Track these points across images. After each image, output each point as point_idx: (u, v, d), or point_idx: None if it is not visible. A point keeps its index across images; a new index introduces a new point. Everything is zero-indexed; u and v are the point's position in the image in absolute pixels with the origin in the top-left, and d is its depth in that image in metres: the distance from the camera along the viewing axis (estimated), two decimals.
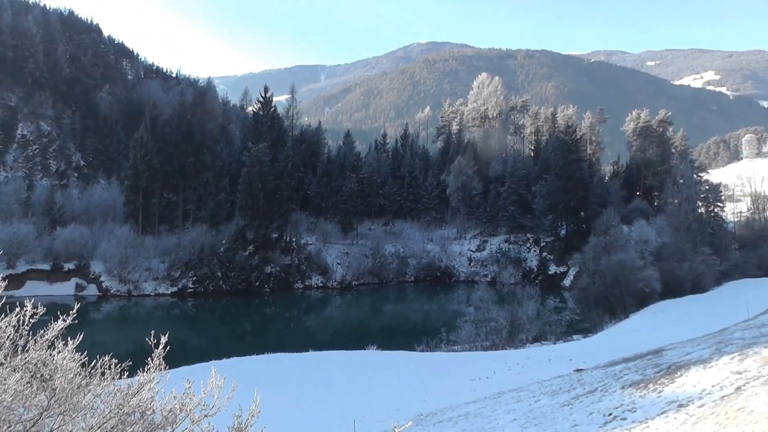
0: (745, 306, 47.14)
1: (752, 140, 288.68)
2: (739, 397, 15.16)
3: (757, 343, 23.42)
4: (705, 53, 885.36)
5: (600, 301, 69.23)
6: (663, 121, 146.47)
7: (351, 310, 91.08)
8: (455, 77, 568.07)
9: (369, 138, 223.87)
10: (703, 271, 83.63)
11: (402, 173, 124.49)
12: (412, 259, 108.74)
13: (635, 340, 41.36)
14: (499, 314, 54.96)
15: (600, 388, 23.68)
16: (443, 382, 34.43)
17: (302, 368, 36.58)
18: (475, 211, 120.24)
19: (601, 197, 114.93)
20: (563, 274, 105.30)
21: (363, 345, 47.52)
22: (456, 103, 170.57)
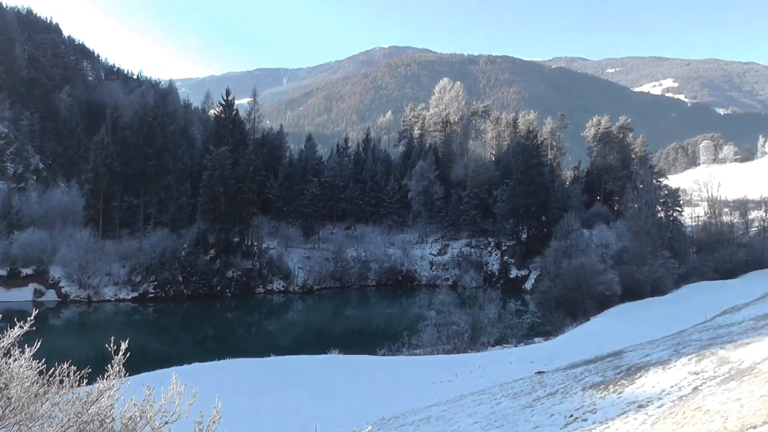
0: (703, 308, 47.71)
1: (709, 146, 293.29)
2: (696, 397, 15.30)
3: (713, 345, 23.69)
4: (664, 61, 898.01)
5: (561, 304, 69.64)
6: (623, 127, 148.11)
7: (313, 315, 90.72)
8: (417, 82, 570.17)
9: (331, 142, 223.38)
10: (662, 274, 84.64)
11: (364, 177, 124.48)
12: (373, 264, 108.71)
13: (596, 343, 41.61)
14: (460, 318, 55.03)
15: (561, 390, 23.78)
16: (405, 385, 34.36)
17: (264, 373, 36.30)
18: (437, 215, 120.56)
19: (562, 202, 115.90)
20: (524, 278, 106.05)
21: (325, 349, 47.31)
22: (418, 108, 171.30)
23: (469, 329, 54.37)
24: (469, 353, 48.15)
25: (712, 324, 36.66)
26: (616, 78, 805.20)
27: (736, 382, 15.26)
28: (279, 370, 37.29)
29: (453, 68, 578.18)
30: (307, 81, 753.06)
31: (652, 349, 28.17)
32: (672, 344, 28.13)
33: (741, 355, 19.38)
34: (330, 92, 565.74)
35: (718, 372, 18.19)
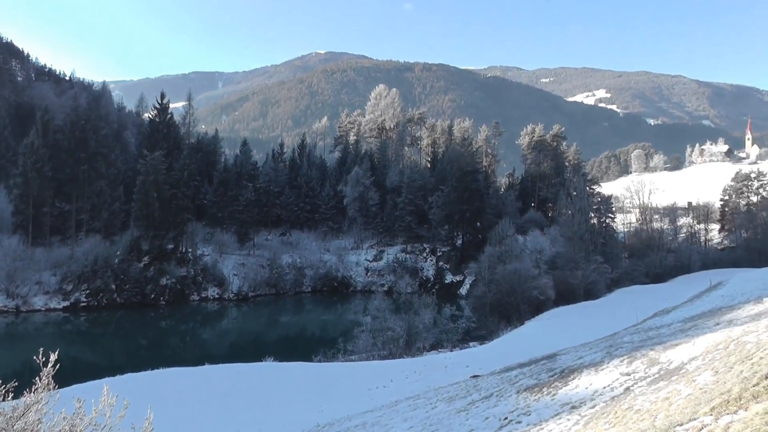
0: (634, 311, 48.57)
1: (640, 155, 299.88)
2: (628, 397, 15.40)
3: (644, 346, 23.97)
4: (596, 72, 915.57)
5: (496, 308, 70.21)
6: (557, 135, 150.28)
7: (248, 322, 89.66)
8: (353, 88, 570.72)
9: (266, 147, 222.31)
10: (595, 278, 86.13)
11: (299, 183, 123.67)
12: (309, 270, 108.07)
13: (530, 346, 41.92)
14: (396, 323, 55.07)
15: (496, 393, 23.79)
16: (340, 392, 34.15)
17: (198, 382, 35.70)
18: (372, 221, 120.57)
19: (497, 208, 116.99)
20: (459, 283, 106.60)
21: (260, 357, 46.84)
22: (353, 114, 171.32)
23: (405, 335, 54.43)
24: (405, 358, 48.13)
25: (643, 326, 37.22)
26: (550, 88, 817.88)
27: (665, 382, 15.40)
28: (214, 379, 36.73)
29: (389, 75, 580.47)
30: (243, 85, 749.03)
31: (585, 352, 28.42)
32: (605, 346, 28.43)
33: (670, 356, 19.61)
34: (266, 97, 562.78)
35: (649, 373, 18.37)
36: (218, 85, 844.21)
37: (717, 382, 12.47)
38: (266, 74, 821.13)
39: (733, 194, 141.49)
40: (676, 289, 72.09)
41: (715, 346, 17.95)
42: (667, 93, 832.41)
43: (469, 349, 53.23)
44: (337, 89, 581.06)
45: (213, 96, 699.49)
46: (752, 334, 16.86)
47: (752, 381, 10.28)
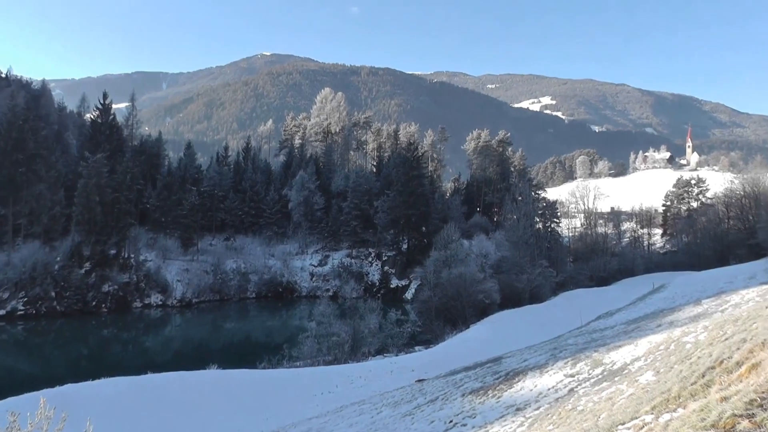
0: (579, 314, 49.17)
1: (585, 161, 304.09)
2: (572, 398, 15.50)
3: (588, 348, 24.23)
4: (542, 79, 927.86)
5: (441, 312, 70.38)
6: (502, 141, 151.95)
7: (191, 329, 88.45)
8: (299, 91, 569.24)
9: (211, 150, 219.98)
10: (540, 282, 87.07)
11: (244, 187, 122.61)
12: (253, 275, 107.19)
13: (476, 350, 42.14)
14: (341, 328, 55.00)
15: (441, 397, 23.83)
16: (286, 399, 33.96)
17: (140, 392, 35.07)
18: (317, 225, 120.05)
19: (443, 212, 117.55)
20: (405, 288, 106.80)
21: (204, 365, 46.29)
22: (299, 117, 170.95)
23: (350, 340, 54.38)
24: (350, 364, 48.08)
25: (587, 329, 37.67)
26: (496, 94, 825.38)
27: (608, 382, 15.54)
28: (156, 388, 36.14)
29: (335, 78, 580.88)
30: (188, 86, 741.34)
31: (530, 354, 28.62)
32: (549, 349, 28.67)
33: (613, 357, 19.84)
34: (211, 99, 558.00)
35: (592, 374, 18.54)
36: (162, 85, 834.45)
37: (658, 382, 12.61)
38: (211, 75, 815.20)
39: (674, 200, 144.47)
40: (620, 292, 73.23)
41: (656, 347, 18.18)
42: (611, 101, 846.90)
43: (415, 353, 53.32)
44: (283, 92, 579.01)
45: (157, 97, 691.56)
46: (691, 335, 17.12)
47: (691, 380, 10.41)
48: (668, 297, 46.34)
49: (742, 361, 9.88)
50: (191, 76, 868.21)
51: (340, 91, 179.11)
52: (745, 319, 15.00)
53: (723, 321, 16.63)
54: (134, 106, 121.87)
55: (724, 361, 10.48)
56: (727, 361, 10.35)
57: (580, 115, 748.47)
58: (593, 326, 39.26)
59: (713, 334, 14.86)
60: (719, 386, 9.02)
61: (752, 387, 7.66)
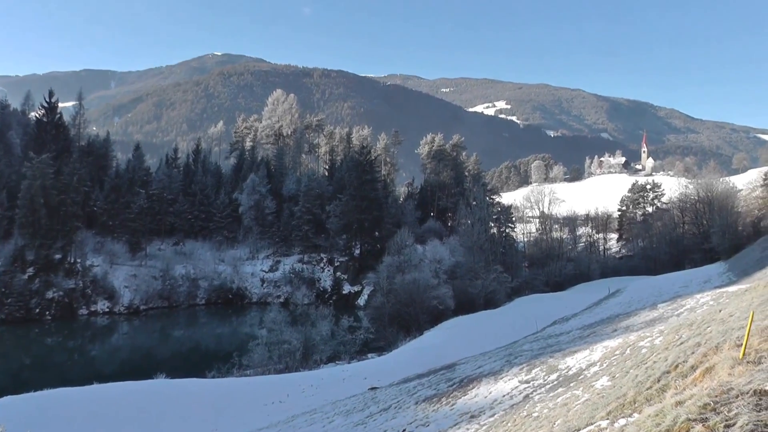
0: (534, 319, 49.51)
1: (540, 166, 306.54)
2: (527, 404, 15.54)
3: (543, 354, 24.37)
4: (497, 84, 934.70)
5: (395, 319, 70.58)
6: (456, 145, 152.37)
7: (139, 337, 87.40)
8: (250, 92, 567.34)
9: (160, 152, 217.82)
10: (495, 287, 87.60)
11: (194, 190, 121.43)
12: (203, 281, 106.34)
13: (430, 356, 42.21)
14: (292, 336, 54.88)
15: (394, 405, 23.79)
16: (235, 408, 33.72)
17: (86, 404, 34.54)
18: (269, 230, 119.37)
19: (396, 217, 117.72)
20: (358, 294, 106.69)
21: (152, 374, 45.85)
22: (250, 119, 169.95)
23: (301, 347, 54.27)
24: (302, 372, 48.01)
25: (543, 334, 37.95)
26: (450, 98, 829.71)
27: (564, 388, 15.60)
28: (102, 399, 35.62)
29: (287, 80, 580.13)
30: (137, 86, 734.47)
31: (484, 361, 28.71)
32: (504, 355, 28.80)
33: (569, 363, 19.95)
34: (160, 99, 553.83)
35: (548, 380, 18.62)
36: (111, 84, 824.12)
37: (614, 387, 12.69)
38: (161, 75, 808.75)
39: (630, 205, 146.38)
40: (576, 297, 73.91)
41: (612, 352, 18.32)
42: (566, 106, 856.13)
43: (368, 360, 53.36)
44: (234, 93, 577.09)
45: (105, 96, 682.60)
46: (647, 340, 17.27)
47: (646, 384, 10.48)
48: (624, 302, 46.93)
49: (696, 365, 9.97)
50: (141, 75, 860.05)
51: (292, 92, 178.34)
52: (699, 323, 15.18)
53: (678, 325, 16.81)
54: (82, 105, 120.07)
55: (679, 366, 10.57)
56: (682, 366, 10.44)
57: (536, 120, 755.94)
58: (549, 332, 39.57)
59: (669, 338, 15.01)
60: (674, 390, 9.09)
61: (706, 391, 7.72)
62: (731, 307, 17.83)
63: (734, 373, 8.29)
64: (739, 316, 13.88)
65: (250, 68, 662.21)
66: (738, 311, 15.24)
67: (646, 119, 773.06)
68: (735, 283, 41.38)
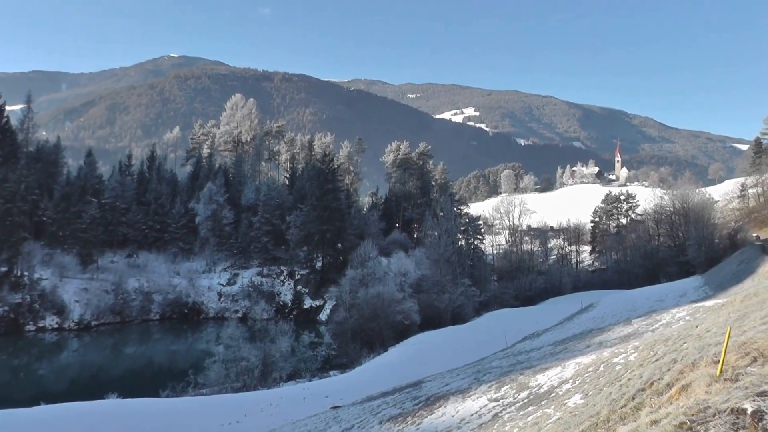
0: (504, 335, 49.67)
1: (510, 175, 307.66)
2: (496, 423, 15.52)
3: (513, 371, 24.40)
4: (465, 90, 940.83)
5: (358, 334, 70.49)
6: (423, 153, 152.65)
7: (90, 354, 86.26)
8: (208, 96, 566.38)
9: (113, 158, 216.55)
10: (463, 302, 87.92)
11: (148, 199, 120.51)
12: (157, 295, 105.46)
13: (394, 374, 42.17)
14: (250, 352, 54.55)
15: (357, 425, 23.71)
16: (190, 430, 33.45)
17: (33, 425, 34.03)
18: (226, 241, 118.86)
19: (359, 229, 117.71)
20: (319, 308, 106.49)
21: (102, 394, 45.30)
22: (208, 125, 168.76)
23: (260, 365, 53.98)
24: (261, 390, 47.78)
25: (513, 350, 38.05)
26: (416, 104, 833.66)
27: (535, 406, 15.61)
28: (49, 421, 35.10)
29: (246, 84, 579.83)
30: (89, 88, 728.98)
31: (452, 378, 28.71)
32: (472, 372, 28.81)
33: (540, 380, 19.98)
34: (114, 102, 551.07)
35: (518, 398, 18.63)
36: (62, 86, 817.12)
37: (586, 405, 12.70)
38: (115, 77, 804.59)
39: (603, 216, 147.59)
40: (547, 312, 74.33)
41: (585, 369, 18.38)
42: (537, 113, 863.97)
43: (330, 378, 53.24)
44: (191, 97, 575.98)
45: (56, 99, 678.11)
46: (621, 356, 17.35)
47: (620, 402, 10.49)
48: (598, 316, 47.24)
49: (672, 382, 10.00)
50: (93, 77, 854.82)
51: (251, 97, 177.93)
52: (675, 339, 15.27)
53: (653, 341, 16.91)
54: (30, 108, 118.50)
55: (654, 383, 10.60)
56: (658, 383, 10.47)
57: (505, 128, 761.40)
58: (519, 348, 39.70)
59: (644, 354, 15.08)
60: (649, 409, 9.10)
61: (682, 409, 7.74)
62: (708, 322, 17.97)
63: (711, 391, 8.31)
64: (715, 332, 13.98)
65: (208, 71, 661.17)
66: (715, 327, 15.36)
67: (619, 127, 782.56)
68: (711, 298, 41.80)
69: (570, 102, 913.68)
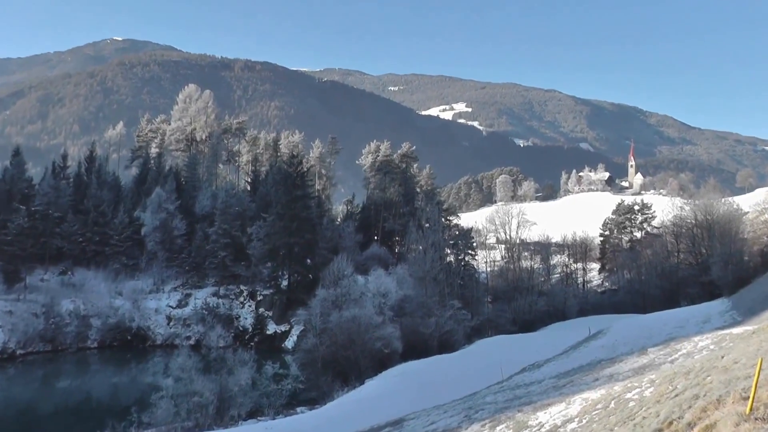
0: (499, 366, 49.64)
1: (507, 182, 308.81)
2: None
3: (510, 407, 24.37)
4: (455, 82, 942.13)
5: (330, 365, 70.40)
6: (406, 155, 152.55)
7: (15, 389, 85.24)
8: (157, 87, 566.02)
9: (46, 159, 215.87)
10: (451, 327, 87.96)
11: (86, 207, 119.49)
12: (96, 319, 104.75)
13: (372, 410, 42.11)
14: (204, 386, 54.32)
15: None
16: None
17: None
18: (177, 256, 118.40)
19: (332, 242, 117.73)
20: (285, 334, 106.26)
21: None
22: (157, 120, 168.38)
23: (216, 400, 53.82)
24: (216, 430, 47.56)
25: (510, 384, 38.06)
26: (399, 98, 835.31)
27: None
28: None
29: (202, 73, 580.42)
30: (18, 76, 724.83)
31: (439, 416, 28.68)
32: (462, 408, 28.79)
33: (541, 419, 19.95)
34: (46, 93, 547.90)
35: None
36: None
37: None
38: (48, 63, 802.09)
39: (614, 229, 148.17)
40: (549, 339, 74.56)
41: (593, 405, 18.35)
42: (539, 110, 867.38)
43: (297, 415, 53.19)
44: (138, 87, 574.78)
45: None
46: (635, 391, 17.34)
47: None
48: (608, 345, 47.38)
49: (694, 421, 9.96)
50: (23, 63, 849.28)
51: (208, 88, 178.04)
52: (697, 372, 15.26)
53: (672, 374, 16.91)
54: None
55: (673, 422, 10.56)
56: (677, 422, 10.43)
57: (502, 126, 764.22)
58: (516, 380, 39.76)
59: (661, 389, 15.06)
60: None
61: None
62: (736, 352, 17.99)
63: None
64: (745, 363, 13.99)
65: (158, 58, 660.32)
66: (744, 357, 15.37)
67: (633, 127, 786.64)
68: (740, 324, 42.03)
69: (577, 97, 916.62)
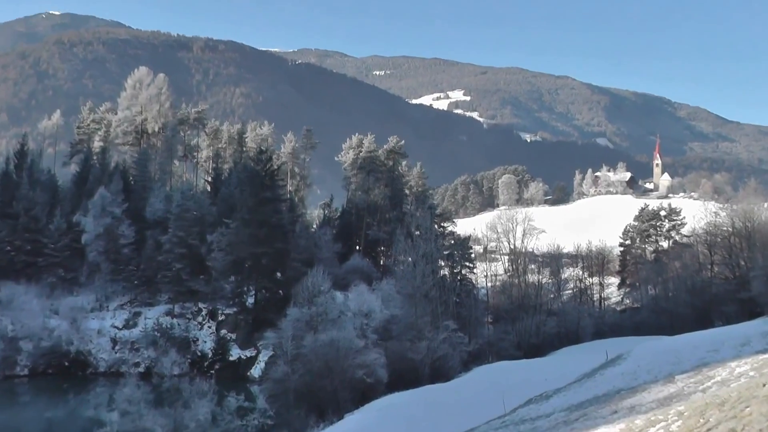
0: (501, 396, 49.60)
1: (511, 183, 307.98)
2: None
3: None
4: (452, 66, 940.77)
5: (303, 397, 70.42)
6: (394, 151, 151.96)
7: None
8: (102, 70, 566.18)
9: None
10: (446, 352, 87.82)
11: (16, 210, 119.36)
12: (26, 342, 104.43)
13: None
14: (156, 421, 54.35)
15: None
16: None
17: None
18: (124, 269, 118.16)
19: (307, 252, 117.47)
20: (251, 360, 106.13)
21: None
22: (101, 109, 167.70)
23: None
24: None
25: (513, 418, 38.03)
26: (386, 84, 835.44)
27: None
28: None
29: (155, 53, 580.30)
30: None
31: None
32: None
33: None
34: None
35: None
36: None
37: None
38: None
39: (637, 238, 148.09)
40: (560, 366, 74.50)
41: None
42: (549, 99, 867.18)
43: None
44: (78, 71, 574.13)
45: None
46: (660, 425, 17.25)
47: None
48: (628, 372, 47.36)
49: None
50: None
51: (161, 72, 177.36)
52: (734, 402, 15.16)
53: (704, 404, 16.81)
54: None
55: None
56: None
57: (505, 118, 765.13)
58: (521, 414, 39.69)
59: (691, 423, 14.96)
60: None
61: None
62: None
63: None
64: None
65: (102, 36, 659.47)
66: None
67: (660, 121, 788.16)
68: None
69: (593, 85, 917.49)
